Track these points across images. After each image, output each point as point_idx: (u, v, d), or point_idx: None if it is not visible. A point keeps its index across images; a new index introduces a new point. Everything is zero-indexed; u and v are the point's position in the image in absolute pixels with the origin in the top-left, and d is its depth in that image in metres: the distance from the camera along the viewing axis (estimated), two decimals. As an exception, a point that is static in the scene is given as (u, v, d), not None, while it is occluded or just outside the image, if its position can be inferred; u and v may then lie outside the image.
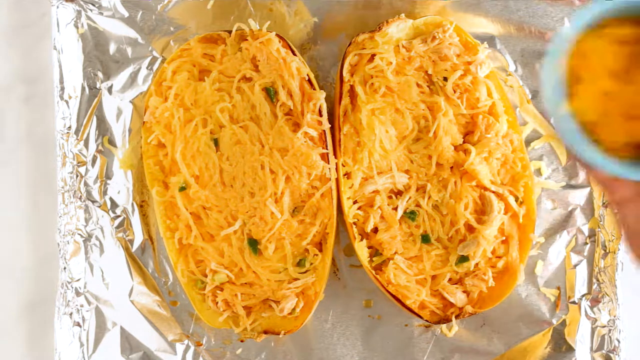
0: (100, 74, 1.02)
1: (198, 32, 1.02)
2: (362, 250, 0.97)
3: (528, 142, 1.01)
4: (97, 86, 1.02)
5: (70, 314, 1.01)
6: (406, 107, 0.97)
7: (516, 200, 0.97)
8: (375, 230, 0.98)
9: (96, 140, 1.02)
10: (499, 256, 0.98)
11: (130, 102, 1.02)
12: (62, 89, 1.02)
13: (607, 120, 0.77)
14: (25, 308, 1.05)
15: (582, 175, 1.00)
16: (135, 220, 1.02)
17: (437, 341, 1.01)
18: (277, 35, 0.98)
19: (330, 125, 0.97)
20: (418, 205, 0.97)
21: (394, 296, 0.96)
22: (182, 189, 0.98)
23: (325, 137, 0.97)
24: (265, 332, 0.98)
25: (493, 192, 0.97)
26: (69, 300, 1.01)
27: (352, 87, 0.98)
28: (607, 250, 0.99)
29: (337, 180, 0.97)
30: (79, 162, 1.02)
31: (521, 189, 0.98)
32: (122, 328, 1.01)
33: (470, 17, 1.01)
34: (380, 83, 0.97)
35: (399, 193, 0.98)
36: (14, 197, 1.06)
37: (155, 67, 1.02)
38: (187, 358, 1.02)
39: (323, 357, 1.01)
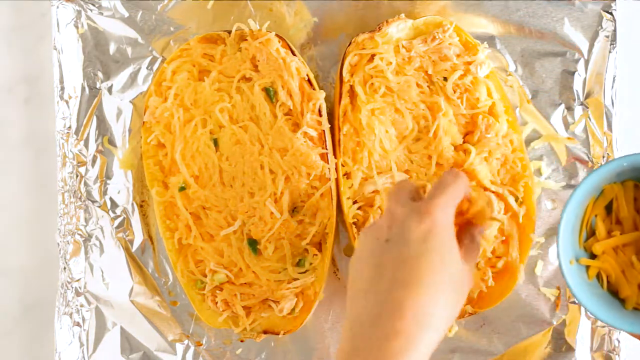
0: (100, 74, 1.02)
1: (198, 32, 1.02)
2: (361, 250, 0.97)
3: (528, 142, 1.01)
4: (97, 86, 1.02)
5: (70, 314, 1.01)
6: (406, 107, 0.97)
7: (516, 200, 0.97)
8: (375, 230, 0.98)
9: (96, 140, 1.02)
10: (498, 256, 0.97)
11: (130, 102, 1.02)
12: (62, 89, 1.02)
13: (624, 274, 0.86)
14: (25, 308, 1.05)
15: (582, 175, 1.00)
16: (135, 220, 1.02)
17: (437, 341, 1.01)
18: (277, 35, 0.98)
19: (329, 125, 0.98)
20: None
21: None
22: (181, 189, 0.98)
23: (325, 137, 0.97)
24: (265, 332, 0.98)
25: (493, 192, 0.97)
26: (69, 300, 1.01)
27: (352, 87, 0.98)
28: (607, 251, 0.99)
29: (336, 180, 0.97)
30: (79, 162, 1.02)
31: (521, 189, 0.97)
32: (122, 328, 1.02)
33: (470, 17, 1.01)
34: (380, 83, 0.97)
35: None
36: (14, 197, 1.06)
37: (155, 67, 1.02)
38: (187, 358, 1.02)
39: (323, 357, 1.01)
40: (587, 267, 0.91)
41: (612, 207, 0.91)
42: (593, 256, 0.91)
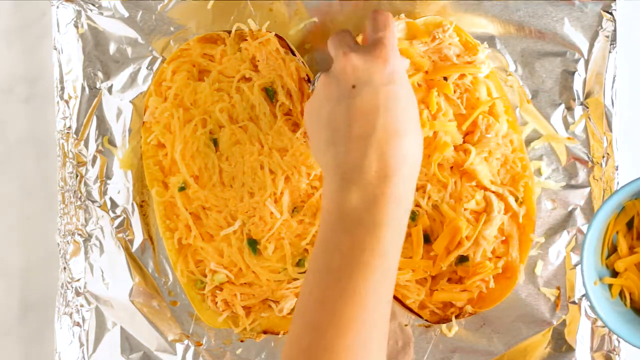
0: (100, 74, 1.02)
1: (198, 32, 1.02)
2: (361, 250, 0.96)
3: (528, 142, 1.01)
4: (97, 86, 1.02)
5: (70, 314, 1.01)
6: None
7: (516, 200, 0.97)
8: (375, 230, 0.98)
9: (96, 140, 1.02)
10: (498, 256, 0.97)
11: (130, 102, 1.02)
12: (62, 89, 1.02)
13: None
14: (25, 308, 1.05)
15: (582, 175, 1.00)
16: (135, 220, 1.02)
17: (437, 341, 1.01)
18: (277, 35, 0.98)
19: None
20: (418, 205, 0.97)
21: (393, 296, 0.96)
22: (181, 189, 0.98)
23: (325, 137, 0.97)
24: (265, 332, 0.98)
25: (493, 192, 0.97)
26: (69, 300, 1.01)
27: (352, 87, 0.98)
28: (607, 251, 0.99)
29: (336, 180, 0.97)
30: (79, 162, 1.02)
31: (521, 189, 0.97)
32: (122, 328, 1.01)
33: (470, 17, 1.01)
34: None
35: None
36: (14, 197, 1.06)
37: (155, 67, 1.02)
38: (187, 358, 1.02)
39: (323, 357, 1.01)
40: (610, 286, 0.91)
41: (634, 223, 0.92)
42: (615, 273, 0.92)
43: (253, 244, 0.97)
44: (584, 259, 0.88)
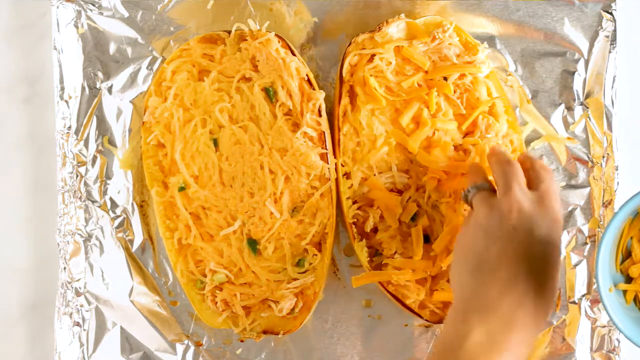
0: (100, 74, 1.02)
1: (198, 32, 1.02)
2: (361, 250, 0.97)
3: (528, 142, 1.01)
4: (97, 86, 1.02)
5: (70, 314, 1.01)
6: (405, 107, 0.97)
7: (516, 200, 0.97)
8: (375, 230, 0.98)
9: (96, 140, 1.02)
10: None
11: (130, 102, 1.02)
12: (62, 89, 1.02)
13: None
14: (25, 308, 1.05)
15: (582, 175, 1.00)
16: (135, 220, 1.02)
17: (437, 341, 1.01)
18: (277, 35, 0.98)
19: (329, 126, 0.98)
20: (418, 205, 0.97)
21: (394, 296, 0.96)
22: (181, 189, 0.98)
23: (325, 137, 0.97)
24: (265, 332, 0.98)
25: (493, 192, 0.97)
26: (69, 300, 1.01)
27: (352, 87, 0.98)
28: (607, 251, 0.99)
29: (336, 180, 0.97)
30: (79, 162, 1.02)
31: (521, 189, 0.97)
32: (122, 328, 1.02)
33: (470, 17, 1.01)
34: (380, 83, 0.97)
35: (399, 192, 0.98)
36: (14, 197, 1.06)
37: (155, 67, 1.02)
38: (187, 358, 1.02)
39: (323, 357, 1.01)
40: (625, 291, 0.91)
41: None
42: (629, 279, 0.92)
43: (253, 244, 0.97)
44: (599, 266, 0.87)
